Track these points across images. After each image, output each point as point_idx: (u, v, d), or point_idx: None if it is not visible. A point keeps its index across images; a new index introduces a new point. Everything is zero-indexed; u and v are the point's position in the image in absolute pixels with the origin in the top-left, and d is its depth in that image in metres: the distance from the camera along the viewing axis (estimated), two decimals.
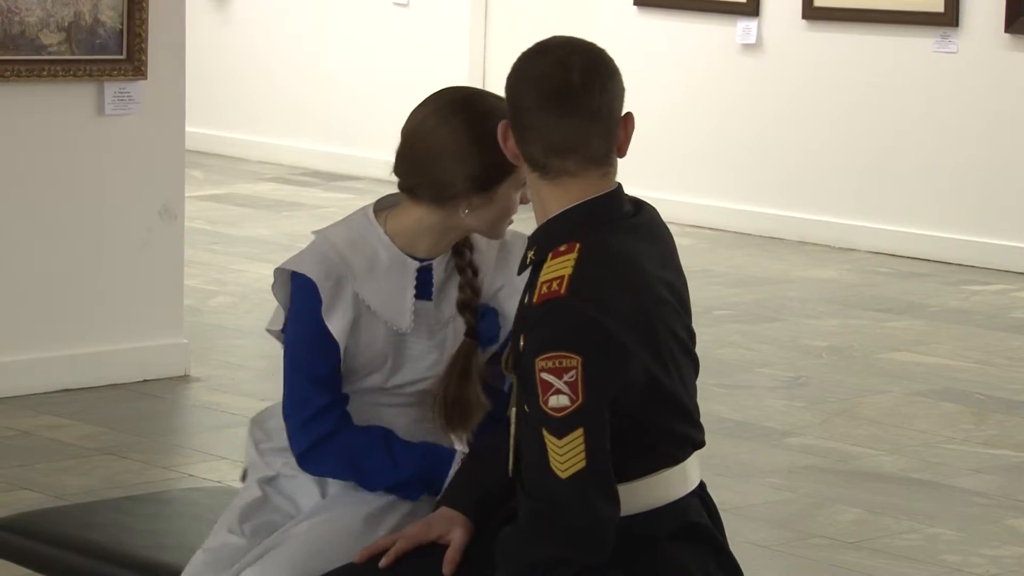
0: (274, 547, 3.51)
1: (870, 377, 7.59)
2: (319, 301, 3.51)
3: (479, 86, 11.21)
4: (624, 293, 3.17)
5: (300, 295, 3.54)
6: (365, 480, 3.58)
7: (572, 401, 3.09)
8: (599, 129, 3.23)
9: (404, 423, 3.60)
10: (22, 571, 4.22)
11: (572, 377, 3.08)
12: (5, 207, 6.83)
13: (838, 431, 6.81)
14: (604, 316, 3.12)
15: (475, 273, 3.58)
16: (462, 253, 3.59)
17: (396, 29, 11.53)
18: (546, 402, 3.09)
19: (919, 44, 9.83)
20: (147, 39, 6.98)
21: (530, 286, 3.23)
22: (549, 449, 3.10)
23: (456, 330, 3.56)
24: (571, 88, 3.20)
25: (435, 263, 3.57)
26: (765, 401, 7.13)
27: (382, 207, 3.61)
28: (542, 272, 3.15)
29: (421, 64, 11.05)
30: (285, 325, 3.59)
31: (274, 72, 11.92)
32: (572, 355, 3.09)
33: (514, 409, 3.34)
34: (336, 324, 3.52)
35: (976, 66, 9.69)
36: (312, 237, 3.60)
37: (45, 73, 6.82)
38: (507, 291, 3.58)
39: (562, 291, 3.12)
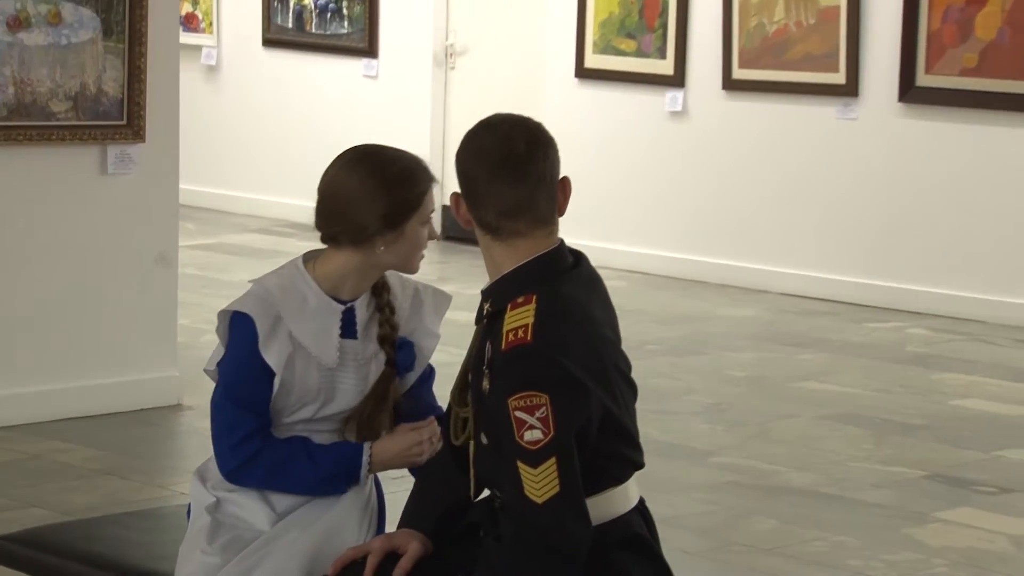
0: (262, 560, 3.49)
1: (782, 403, 7.59)
2: (256, 335, 3.51)
3: (440, 150, 11.27)
4: (580, 337, 3.19)
5: (239, 332, 3.55)
6: (291, 487, 3.57)
7: (545, 434, 3.10)
8: (543, 193, 3.25)
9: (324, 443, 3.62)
10: None
11: (543, 413, 3.10)
12: (19, 255, 6.80)
13: (755, 451, 6.81)
14: (565, 358, 3.14)
15: (392, 311, 3.59)
16: (380, 294, 3.61)
17: (366, 98, 11.55)
18: (521, 437, 3.11)
19: (824, 112, 9.87)
20: (145, 107, 6.96)
21: (490, 334, 3.24)
22: (524, 478, 3.11)
23: (379, 363, 3.58)
24: (518, 158, 3.23)
25: (357, 304, 3.58)
26: (691, 425, 7.12)
27: (309, 257, 3.63)
28: (505, 322, 3.17)
29: (388, 129, 10.99)
30: (220, 362, 3.59)
31: (259, 135, 11.92)
32: (541, 394, 3.11)
33: (472, 442, 3.35)
34: (273, 356, 3.52)
35: (873, 131, 9.73)
36: (250, 285, 3.62)
37: (54, 137, 6.80)
38: (420, 331, 3.62)
39: (528, 338, 3.14)
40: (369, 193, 3.51)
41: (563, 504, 3.12)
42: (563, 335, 3.17)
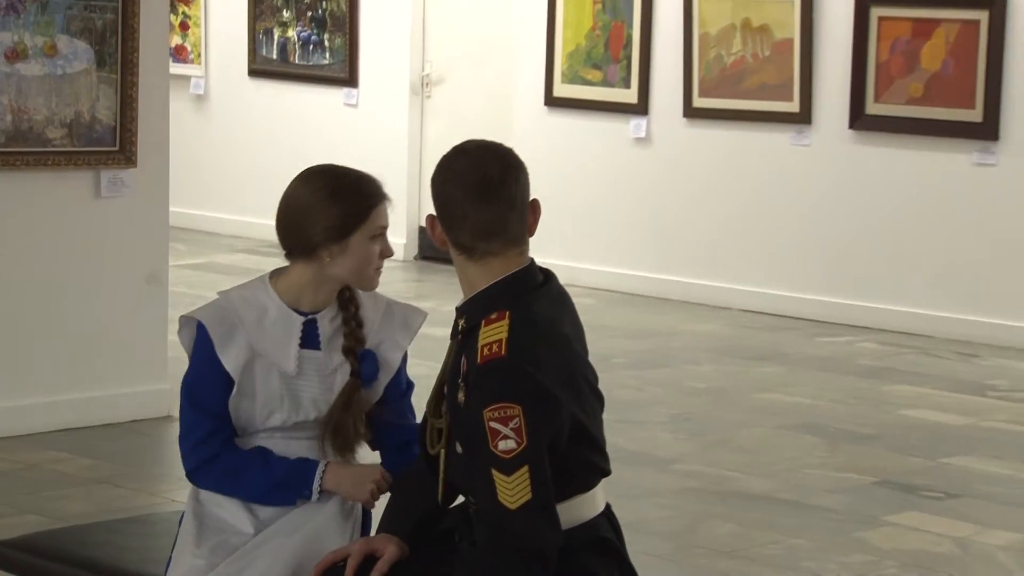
0: (249, 564, 3.48)
1: (742, 414, 7.59)
2: (211, 342, 3.52)
3: (416, 174, 11.27)
4: (551, 351, 3.21)
5: (198, 339, 3.58)
6: (244, 492, 3.57)
7: (518, 444, 3.11)
8: (515, 215, 3.26)
9: (312, 455, 3.61)
10: None
11: (516, 424, 3.11)
12: (17, 275, 6.78)
13: (715, 459, 6.81)
14: (538, 372, 3.15)
15: (359, 325, 3.58)
16: (347, 308, 3.59)
17: (347, 125, 11.54)
18: (495, 446, 3.11)
19: (779, 138, 9.89)
20: (137, 133, 6.95)
21: (465, 348, 3.24)
22: (498, 485, 3.11)
23: (344, 373, 3.57)
24: (491, 182, 3.24)
25: (320, 317, 3.58)
26: (655, 434, 7.12)
27: (276, 273, 3.63)
28: (480, 337, 3.17)
29: (367, 154, 10.97)
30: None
31: (245, 160, 11.90)
32: (514, 405, 3.11)
33: (443, 450, 3.35)
34: (229, 362, 3.53)
35: (825, 156, 9.75)
36: (217, 296, 3.65)
37: (50, 162, 6.78)
38: (387, 344, 3.61)
39: (503, 352, 3.15)
40: (315, 205, 3.53)
41: (535, 510, 3.12)
42: (535, 349, 3.18)
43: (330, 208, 3.52)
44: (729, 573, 5.43)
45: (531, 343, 3.17)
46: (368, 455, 3.73)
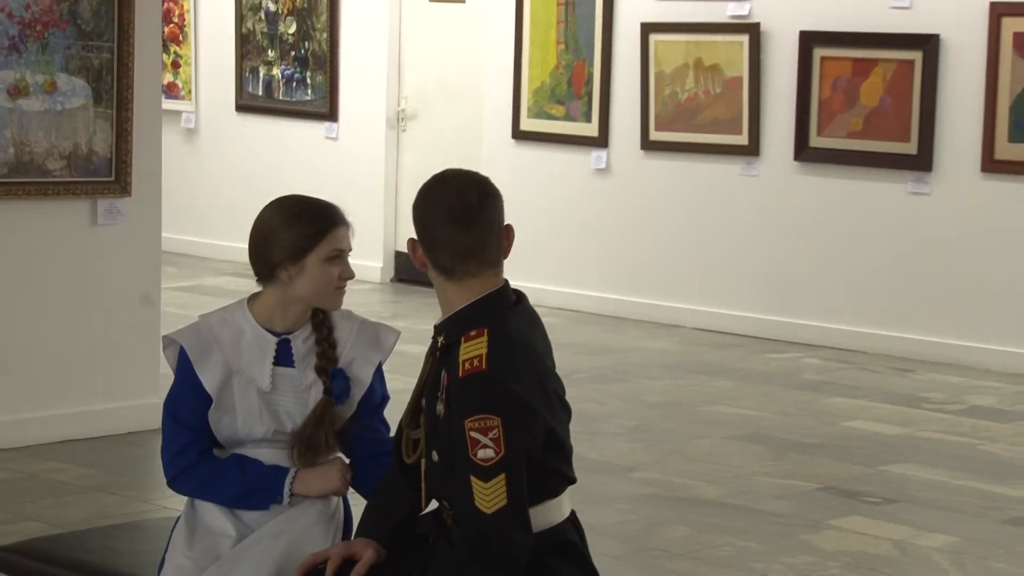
0: (235, 566, 3.47)
1: (694, 425, 7.60)
2: (190, 361, 3.53)
3: (393, 202, 11.28)
4: (526, 366, 3.21)
5: (180, 358, 3.58)
6: (221, 498, 3.58)
7: (496, 453, 3.11)
8: (492, 238, 3.26)
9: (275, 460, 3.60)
10: None
11: (495, 434, 3.11)
12: (19, 298, 6.77)
13: (670, 467, 6.81)
14: (515, 384, 3.15)
15: (332, 346, 3.56)
16: (320, 329, 3.57)
17: (327, 157, 11.55)
18: (475, 454, 3.11)
19: (729, 169, 9.92)
20: (131, 165, 6.94)
21: (444, 363, 3.24)
22: (476, 491, 3.11)
23: (317, 390, 3.55)
24: (471, 208, 3.24)
25: (293, 337, 3.57)
26: (614, 444, 7.12)
27: (254, 297, 3.64)
28: (460, 352, 3.17)
29: (347, 184, 11.03)
30: None
31: (232, 190, 11.89)
32: (494, 416, 3.11)
33: (423, 459, 3.35)
34: (207, 379, 3.54)
35: (772, 185, 9.79)
36: (198, 319, 3.66)
37: (50, 192, 6.76)
38: (359, 362, 3.59)
39: (483, 366, 3.15)
40: (275, 229, 3.54)
41: (509, 515, 3.12)
42: (513, 364, 3.18)
43: (287, 231, 3.53)
44: (683, 574, 5.42)
45: (509, 358, 3.18)
46: None
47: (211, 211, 12.06)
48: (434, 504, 3.41)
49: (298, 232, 3.52)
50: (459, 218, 3.23)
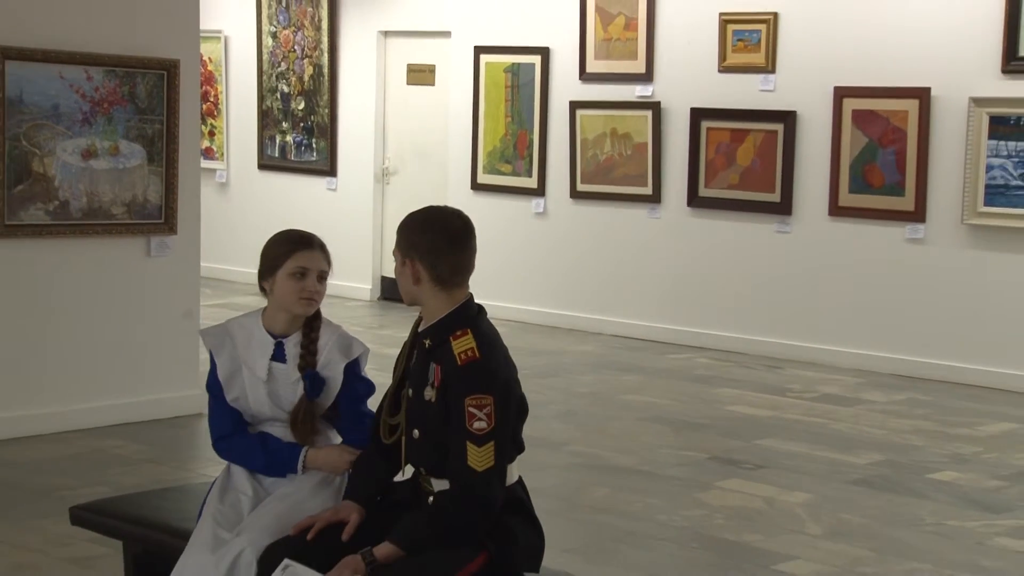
0: (251, 520, 3.45)
1: (612, 409, 7.62)
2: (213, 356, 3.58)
3: (379, 238, 11.28)
4: (503, 358, 3.23)
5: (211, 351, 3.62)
6: (250, 466, 3.57)
7: (488, 425, 3.09)
8: (473, 258, 3.27)
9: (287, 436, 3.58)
10: (96, 536, 4.15)
11: (488, 410, 3.09)
12: (89, 312, 6.75)
13: (594, 442, 6.83)
14: (501, 370, 3.16)
15: (312, 353, 3.53)
16: (308, 335, 3.55)
17: (329, 204, 11.52)
18: (471, 425, 3.08)
19: (638, 213, 9.96)
20: (177, 210, 6.95)
21: (434, 358, 3.19)
22: (469, 453, 3.08)
23: (302, 384, 3.55)
24: (464, 232, 3.26)
25: (287, 341, 3.56)
26: (550, 424, 7.13)
27: (266, 308, 3.64)
28: (453, 347, 3.14)
29: (343, 225, 11.03)
30: None
31: (254, 229, 11.75)
32: (488, 396, 3.10)
33: (403, 438, 3.33)
34: (220, 369, 3.58)
35: (670, 226, 9.83)
36: (225, 321, 3.69)
37: (114, 231, 6.75)
38: (331, 365, 3.54)
39: (477, 355, 3.13)
40: (263, 251, 3.61)
41: (493, 474, 3.11)
42: (497, 355, 3.18)
43: (268, 252, 3.59)
44: (604, 524, 5.44)
45: (492, 350, 3.17)
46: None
47: (238, 245, 12.00)
48: (410, 472, 3.39)
49: (274, 252, 3.58)
50: (458, 240, 3.24)
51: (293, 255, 3.54)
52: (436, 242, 3.21)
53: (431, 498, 3.21)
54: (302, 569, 3.16)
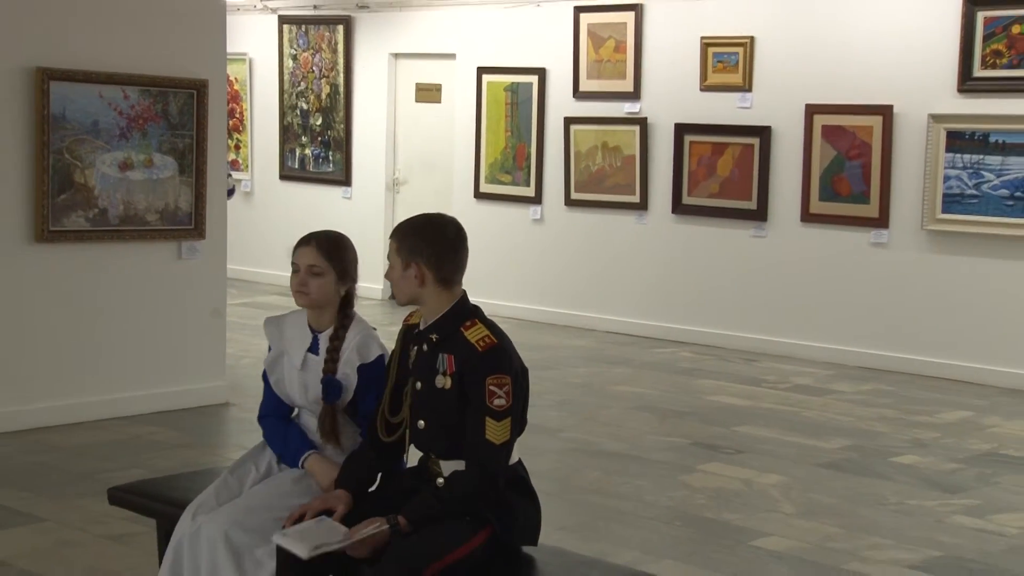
0: (229, 505, 3.44)
1: (603, 399, 7.62)
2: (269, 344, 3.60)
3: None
4: (511, 345, 3.19)
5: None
6: (271, 448, 3.58)
7: (506, 402, 3.08)
8: (467, 259, 3.25)
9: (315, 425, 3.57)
10: (132, 515, 4.16)
11: (506, 389, 3.09)
12: (126, 310, 6.77)
13: (586, 429, 6.83)
14: (513, 355, 3.16)
15: (334, 360, 3.49)
16: (333, 341, 3.52)
17: (344, 211, 11.52)
18: (491, 402, 3.07)
19: (626, 219, 9.95)
20: (205, 217, 6.95)
21: (445, 349, 3.17)
22: (488, 428, 3.07)
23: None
24: (460, 236, 3.26)
25: (322, 335, 3.54)
26: (547, 412, 7.13)
27: None
28: (469, 336, 3.14)
29: (357, 230, 11.01)
30: None
31: (276, 234, 11.83)
32: (506, 376, 3.10)
33: (407, 430, 3.30)
34: (269, 356, 3.60)
35: (657, 231, 9.83)
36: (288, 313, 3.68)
37: (148, 237, 6.77)
38: (350, 364, 3.50)
39: (494, 341, 3.12)
40: None
41: (508, 446, 3.12)
42: (506, 341, 3.18)
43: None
44: (596, 504, 5.44)
45: (501, 337, 3.18)
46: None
47: (261, 249, 12.02)
48: (414, 460, 3.36)
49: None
50: (457, 242, 3.24)
51: (293, 254, 3.56)
52: (438, 246, 3.20)
53: (440, 480, 3.20)
54: (328, 521, 3.16)
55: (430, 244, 3.20)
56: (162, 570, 3.43)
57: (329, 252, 3.51)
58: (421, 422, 3.25)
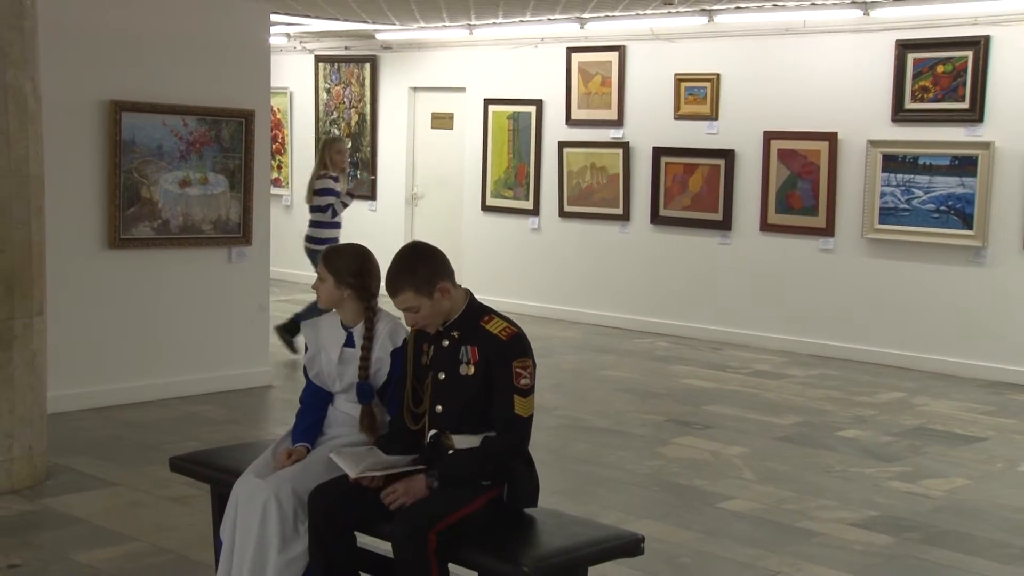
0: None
1: (592, 383, 7.62)
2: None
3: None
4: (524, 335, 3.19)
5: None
6: (295, 426, 3.54)
7: (531, 382, 3.10)
8: None
9: (353, 411, 3.52)
10: (190, 481, 4.17)
11: (530, 371, 3.11)
12: (183, 307, 6.77)
13: (578, 408, 6.84)
14: (528, 340, 3.16)
15: (367, 368, 3.44)
16: (370, 327, 3.48)
17: (371, 222, 11.49)
18: (519, 382, 3.08)
19: (611, 229, 9.94)
20: (252, 227, 6.97)
21: (467, 343, 3.15)
22: (516, 403, 3.08)
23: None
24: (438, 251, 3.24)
25: (355, 330, 3.51)
26: (543, 395, 7.09)
27: None
28: (491, 328, 3.14)
29: (380, 239, 11.00)
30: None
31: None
32: (529, 359, 3.12)
33: (426, 415, 3.26)
34: (308, 353, 3.55)
35: (637, 239, 9.82)
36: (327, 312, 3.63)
37: (203, 244, 6.78)
38: (383, 350, 3.46)
39: (516, 330, 3.14)
40: None
41: (531, 419, 3.15)
42: (521, 329, 3.20)
43: None
44: (585, 472, 5.45)
45: (519, 328, 3.20)
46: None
47: (299, 254, 11.96)
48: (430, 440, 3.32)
49: None
50: (446, 260, 3.25)
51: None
52: (439, 263, 3.22)
53: (451, 451, 3.20)
54: (378, 451, 3.14)
55: (434, 266, 3.20)
56: (223, 525, 3.44)
57: (327, 261, 3.52)
58: (439, 407, 3.25)
